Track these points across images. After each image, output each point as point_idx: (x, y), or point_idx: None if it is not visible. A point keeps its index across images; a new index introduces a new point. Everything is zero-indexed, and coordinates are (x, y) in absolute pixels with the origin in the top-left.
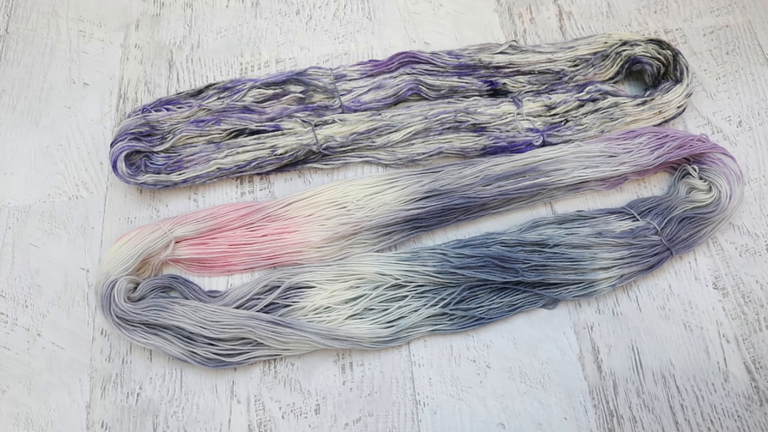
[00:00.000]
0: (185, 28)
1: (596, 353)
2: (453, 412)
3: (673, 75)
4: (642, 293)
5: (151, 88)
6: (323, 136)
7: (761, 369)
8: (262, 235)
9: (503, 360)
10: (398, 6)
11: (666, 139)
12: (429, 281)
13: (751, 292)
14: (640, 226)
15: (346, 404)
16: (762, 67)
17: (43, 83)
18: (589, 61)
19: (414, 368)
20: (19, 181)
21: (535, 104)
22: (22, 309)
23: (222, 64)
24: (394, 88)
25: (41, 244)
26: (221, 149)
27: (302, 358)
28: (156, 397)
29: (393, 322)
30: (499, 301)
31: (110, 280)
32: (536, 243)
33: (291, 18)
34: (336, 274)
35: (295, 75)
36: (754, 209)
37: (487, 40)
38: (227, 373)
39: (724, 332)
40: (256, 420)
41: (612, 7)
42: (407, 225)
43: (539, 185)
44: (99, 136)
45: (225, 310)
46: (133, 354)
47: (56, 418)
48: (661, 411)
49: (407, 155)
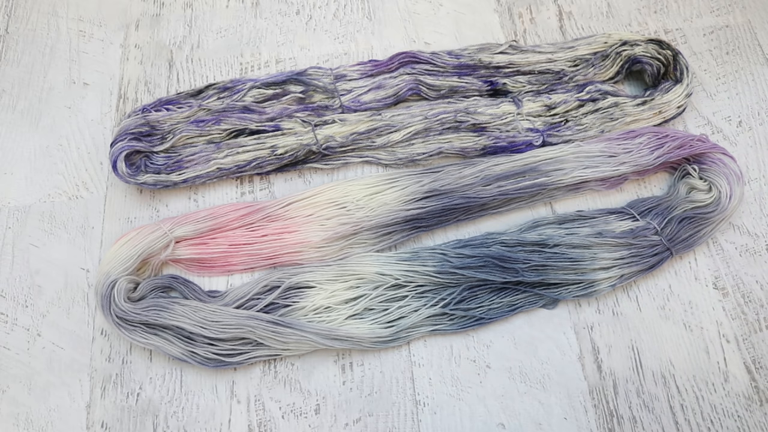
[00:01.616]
0: (185, 28)
1: (596, 353)
2: (453, 412)
3: (673, 75)
4: (642, 293)
5: (151, 88)
6: (323, 136)
7: (761, 369)
8: (262, 235)
9: (503, 360)
10: (398, 6)
11: (666, 139)
12: (429, 281)
13: (751, 292)
14: (640, 226)
15: (346, 404)
16: (762, 67)
17: (43, 83)
18: (589, 61)
19: (414, 368)
20: (19, 181)
21: (535, 104)
22: (22, 309)
23: (222, 64)
24: (394, 88)
25: (41, 244)
26: (221, 149)
27: (302, 358)
28: (156, 397)
29: (393, 322)
30: (499, 301)
31: (110, 280)
32: (536, 243)
33: (291, 18)
34: (336, 274)
35: (295, 75)
36: (754, 209)
37: (487, 40)
38: (227, 373)
39: (724, 332)
40: (256, 420)
41: (612, 7)
42: (407, 225)
43: (539, 185)
44: (99, 136)
45: (225, 310)
46: (133, 354)
47: (56, 418)
48: (661, 411)
49: (407, 155)
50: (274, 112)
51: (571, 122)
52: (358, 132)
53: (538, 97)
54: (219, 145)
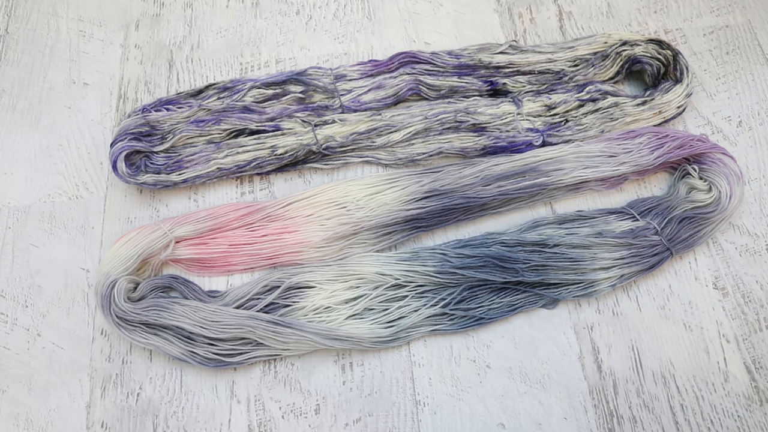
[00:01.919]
0: (185, 28)
1: (596, 353)
2: (453, 412)
3: (673, 75)
4: (642, 293)
5: (151, 88)
6: (323, 136)
7: (761, 369)
8: (262, 235)
9: (503, 360)
10: (398, 6)
11: (666, 139)
12: (429, 281)
13: (751, 292)
14: (640, 226)
15: (346, 404)
16: (762, 67)
17: (43, 83)
18: (589, 61)
19: (414, 368)
20: (19, 181)
21: (535, 104)
22: (22, 309)
23: (222, 64)
24: (394, 88)
25: (41, 244)
26: (221, 149)
27: (302, 358)
28: (156, 397)
29: (393, 322)
30: (499, 301)
31: (110, 280)
32: (536, 243)
33: (291, 18)
34: (336, 274)
35: (295, 75)
36: (754, 209)
37: (487, 40)
38: (227, 373)
39: (724, 332)
40: (256, 420)
41: (612, 7)
42: (407, 225)
43: (539, 185)
44: (99, 136)
45: (225, 310)
46: (133, 354)
47: (56, 418)
48: (661, 411)
49: (407, 155)
50: (274, 112)
51: (571, 122)
52: (358, 132)
53: (538, 97)
54: (219, 145)
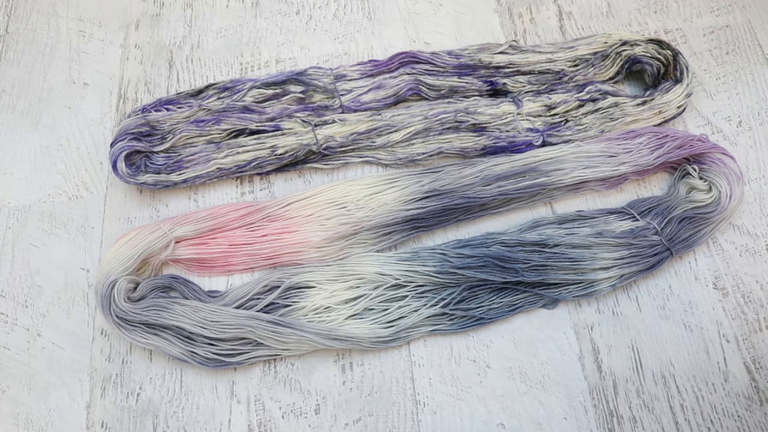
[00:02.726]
0: (185, 28)
1: (596, 353)
2: (453, 412)
3: (673, 75)
4: (642, 293)
5: (151, 88)
6: (323, 136)
7: (761, 369)
8: (262, 235)
9: (503, 360)
10: (398, 6)
11: (666, 139)
12: (429, 281)
13: (751, 292)
14: (640, 226)
15: (346, 404)
16: (762, 67)
17: (43, 83)
18: (589, 61)
19: (414, 368)
20: (19, 181)
21: (535, 104)
22: (22, 309)
23: (222, 64)
24: (394, 88)
25: (41, 244)
26: (221, 149)
27: (302, 358)
28: (156, 397)
29: (393, 322)
30: (499, 301)
31: (110, 280)
32: (536, 243)
33: (291, 18)
34: (336, 274)
35: (295, 75)
36: (754, 209)
37: (487, 40)
38: (227, 373)
39: (724, 332)
40: (256, 420)
41: (612, 7)
42: (407, 225)
43: (539, 185)
44: (99, 136)
45: (225, 310)
46: (133, 354)
47: (56, 418)
48: (661, 411)
49: (407, 155)
50: (274, 112)
51: (571, 122)
52: (358, 132)
53: (538, 97)
54: (219, 145)
